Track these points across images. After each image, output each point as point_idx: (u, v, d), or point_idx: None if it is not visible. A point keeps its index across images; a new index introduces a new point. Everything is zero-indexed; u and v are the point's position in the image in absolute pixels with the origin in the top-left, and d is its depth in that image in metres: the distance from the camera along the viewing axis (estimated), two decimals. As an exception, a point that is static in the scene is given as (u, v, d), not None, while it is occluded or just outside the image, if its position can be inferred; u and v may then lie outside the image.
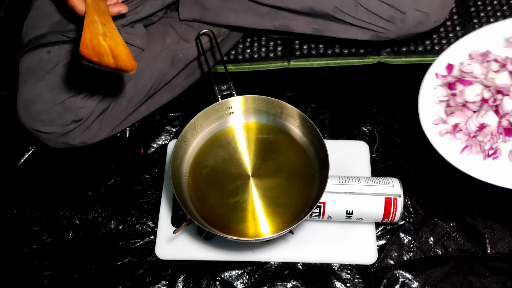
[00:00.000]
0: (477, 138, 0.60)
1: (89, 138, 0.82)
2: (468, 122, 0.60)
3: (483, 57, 0.66)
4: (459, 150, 0.60)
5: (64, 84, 0.76)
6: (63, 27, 0.77)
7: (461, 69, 0.64)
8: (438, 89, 0.63)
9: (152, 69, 0.83)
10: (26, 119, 0.77)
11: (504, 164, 0.59)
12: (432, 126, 0.61)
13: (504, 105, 0.60)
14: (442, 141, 0.60)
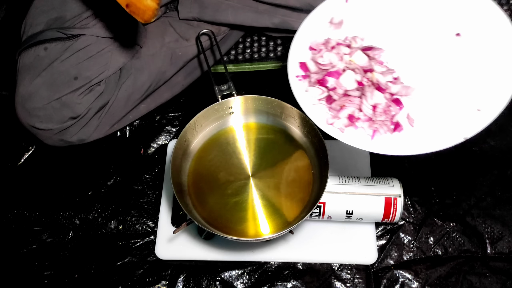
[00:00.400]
0: (377, 119, 0.59)
1: (87, 135, 0.82)
2: (363, 108, 0.59)
3: (326, 45, 0.65)
4: (368, 138, 0.59)
5: (61, 81, 0.76)
6: (60, 24, 0.77)
7: (318, 63, 0.63)
8: (310, 90, 0.62)
9: (151, 66, 0.83)
10: (23, 116, 0.77)
11: (409, 132, 0.59)
12: (329, 126, 0.59)
13: (379, 80, 0.60)
14: (348, 135, 0.59)
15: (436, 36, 0.63)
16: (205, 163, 0.74)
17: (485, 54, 0.60)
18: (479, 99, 0.58)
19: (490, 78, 0.59)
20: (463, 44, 0.62)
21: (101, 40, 0.78)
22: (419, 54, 0.64)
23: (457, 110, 0.59)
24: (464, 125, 0.57)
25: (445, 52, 0.62)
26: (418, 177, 0.83)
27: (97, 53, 0.78)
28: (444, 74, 0.62)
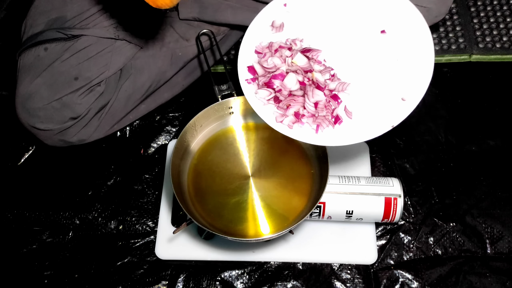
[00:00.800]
0: (319, 115, 0.65)
1: (87, 135, 0.82)
2: (306, 106, 0.65)
3: (270, 49, 0.70)
4: (313, 132, 0.65)
5: (61, 81, 0.76)
6: (60, 24, 0.77)
7: (264, 66, 0.69)
8: (260, 92, 0.67)
9: (151, 67, 0.83)
10: (23, 116, 0.77)
11: (348, 124, 0.65)
12: (279, 124, 0.66)
13: (318, 79, 0.66)
14: (296, 131, 0.65)
15: (365, 35, 0.70)
16: (205, 163, 0.74)
17: (406, 49, 0.67)
18: (403, 90, 0.65)
19: (411, 71, 0.65)
20: (387, 41, 0.69)
21: (102, 41, 0.78)
22: (351, 52, 0.70)
23: (385, 100, 0.65)
24: (392, 114, 0.63)
25: (373, 49, 0.69)
26: (418, 177, 0.83)
27: (97, 54, 0.78)
28: (373, 68, 0.68)
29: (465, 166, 0.83)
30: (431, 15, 0.80)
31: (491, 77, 0.93)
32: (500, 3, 1.01)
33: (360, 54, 0.69)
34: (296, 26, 0.72)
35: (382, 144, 0.87)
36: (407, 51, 0.66)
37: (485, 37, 0.97)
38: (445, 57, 0.96)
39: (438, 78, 0.94)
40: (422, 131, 0.88)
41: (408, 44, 0.67)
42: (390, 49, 0.68)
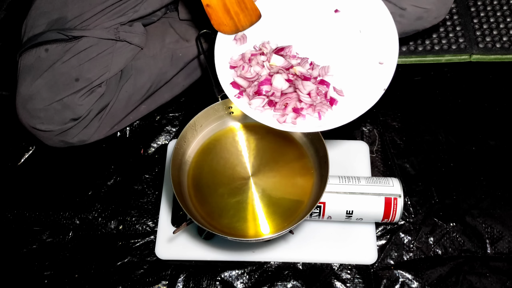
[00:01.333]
0: (316, 102, 0.68)
1: (88, 136, 0.82)
2: (302, 98, 0.67)
3: (243, 59, 0.71)
4: (316, 120, 0.68)
5: (62, 82, 0.76)
6: (61, 25, 0.77)
7: (246, 78, 0.70)
8: (253, 102, 0.68)
9: (151, 67, 0.83)
10: (24, 117, 0.77)
11: (344, 102, 0.68)
12: (283, 124, 0.67)
13: (301, 71, 0.69)
14: (301, 125, 0.67)
15: (322, 18, 0.72)
16: (205, 163, 0.74)
17: (363, 19, 0.71)
18: (377, 55, 0.69)
19: (376, 36, 0.70)
20: (344, 17, 0.72)
21: (102, 42, 0.78)
22: (317, 37, 0.72)
23: (366, 69, 0.68)
24: (379, 80, 0.67)
25: (334, 28, 0.72)
26: (418, 177, 0.83)
27: (98, 55, 0.78)
28: (342, 45, 0.71)
29: (465, 166, 0.83)
30: (431, 16, 0.80)
31: (491, 77, 0.93)
32: (500, 3, 1.01)
33: (325, 37, 0.72)
34: (257, 30, 0.73)
35: (382, 144, 0.87)
36: (365, 20, 0.70)
37: (485, 37, 0.97)
38: (445, 57, 0.96)
39: (438, 78, 0.94)
40: (422, 131, 0.88)
41: (363, 14, 0.71)
42: (350, 24, 0.71)
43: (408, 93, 0.92)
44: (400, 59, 0.97)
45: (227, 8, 0.66)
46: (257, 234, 0.67)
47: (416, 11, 0.79)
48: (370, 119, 0.89)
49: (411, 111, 0.90)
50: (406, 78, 0.94)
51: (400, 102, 0.91)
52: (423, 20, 0.81)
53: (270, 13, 0.73)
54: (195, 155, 0.75)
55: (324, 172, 0.67)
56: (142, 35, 0.82)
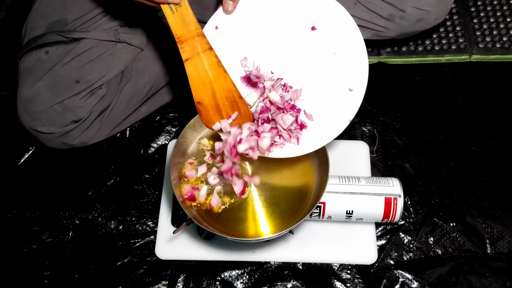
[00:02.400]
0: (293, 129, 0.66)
1: (89, 138, 0.82)
2: (283, 134, 0.66)
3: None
4: (294, 145, 0.66)
5: (63, 84, 0.76)
6: (61, 27, 0.77)
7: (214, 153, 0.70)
8: (232, 132, 0.66)
9: (152, 69, 0.83)
10: (25, 119, 0.77)
11: (312, 127, 0.66)
12: (272, 153, 0.66)
13: (275, 100, 0.66)
14: (286, 150, 0.67)
15: (298, 36, 0.68)
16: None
17: (338, 41, 0.67)
18: (348, 81, 0.65)
19: (349, 61, 0.66)
20: (320, 37, 0.68)
21: (103, 44, 0.78)
22: (292, 56, 0.68)
23: (336, 95, 0.66)
24: (346, 108, 0.64)
25: (310, 47, 0.68)
26: (418, 177, 0.83)
27: (98, 57, 0.78)
28: (316, 67, 0.67)
29: (465, 166, 0.83)
30: (431, 17, 0.80)
31: (491, 77, 0.93)
32: (500, 3, 1.01)
33: (300, 55, 0.68)
34: (233, 44, 0.70)
35: (382, 144, 0.87)
36: (339, 43, 0.67)
37: (485, 37, 0.97)
38: (445, 57, 0.96)
39: (438, 78, 0.94)
40: (422, 131, 0.88)
41: (339, 37, 0.67)
42: (325, 45, 0.67)
43: (408, 93, 0.92)
44: (400, 59, 0.97)
45: (219, 109, 0.63)
46: (257, 234, 0.67)
47: (416, 13, 0.79)
48: (370, 119, 0.89)
49: (411, 111, 0.90)
50: (406, 78, 0.94)
51: (400, 102, 0.91)
52: (423, 21, 0.81)
53: (247, 27, 0.69)
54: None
55: (324, 172, 0.67)
56: (142, 36, 0.82)
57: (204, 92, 0.62)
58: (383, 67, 0.96)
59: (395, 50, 0.97)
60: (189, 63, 0.60)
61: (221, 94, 0.62)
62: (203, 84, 0.61)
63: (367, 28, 0.84)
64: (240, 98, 0.63)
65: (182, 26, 0.57)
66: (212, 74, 0.61)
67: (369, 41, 0.87)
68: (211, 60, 0.60)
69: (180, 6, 0.56)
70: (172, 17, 0.57)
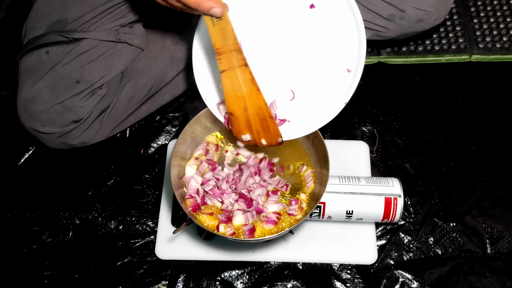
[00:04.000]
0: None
1: (89, 138, 0.82)
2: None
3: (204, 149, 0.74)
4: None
5: (63, 84, 0.76)
6: (61, 27, 0.77)
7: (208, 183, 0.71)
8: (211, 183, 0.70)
9: (152, 69, 0.83)
10: (25, 119, 0.77)
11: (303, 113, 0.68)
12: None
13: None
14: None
15: (297, 14, 0.67)
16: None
17: (338, 20, 0.65)
18: (346, 61, 0.64)
19: (347, 40, 0.64)
20: (319, 15, 0.66)
21: (103, 44, 0.78)
22: (290, 32, 0.67)
23: (333, 75, 0.65)
24: (343, 90, 0.64)
25: (309, 25, 0.66)
26: (418, 177, 0.83)
27: (99, 57, 0.78)
28: (313, 46, 0.66)
29: (465, 166, 0.83)
30: (431, 18, 0.80)
31: (491, 77, 0.93)
32: (500, 3, 1.01)
33: (297, 35, 0.67)
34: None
35: (382, 144, 0.87)
36: (338, 22, 0.65)
37: (485, 37, 0.97)
38: (445, 57, 0.96)
39: (438, 78, 0.94)
40: (422, 131, 0.88)
41: (338, 16, 0.65)
42: (323, 23, 0.66)
43: (408, 93, 0.92)
44: (400, 59, 0.97)
45: (249, 124, 0.65)
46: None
47: (416, 13, 0.79)
48: (370, 119, 0.89)
49: (411, 111, 0.90)
50: (406, 78, 0.94)
51: (400, 102, 0.91)
52: (423, 22, 0.81)
53: (242, 4, 0.67)
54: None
55: (324, 172, 0.67)
56: (143, 36, 0.82)
57: (237, 105, 0.64)
58: (383, 67, 0.96)
59: (395, 50, 0.97)
60: (225, 75, 0.61)
61: (252, 110, 0.64)
62: (237, 98, 0.63)
63: (367, 28, 0.84)
64: (270, 118, 0.65)
65: (221, 39, 0.58)
66: (245, 90, 0.62)
67: (369, 41, 0.87)
68: (246, 76, 0.61)
69: (221, 20, 0.56)
70: (213, 29, 0.57)
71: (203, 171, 0.72)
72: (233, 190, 0.70)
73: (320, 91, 0.66)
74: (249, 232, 0.66)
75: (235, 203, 0.69)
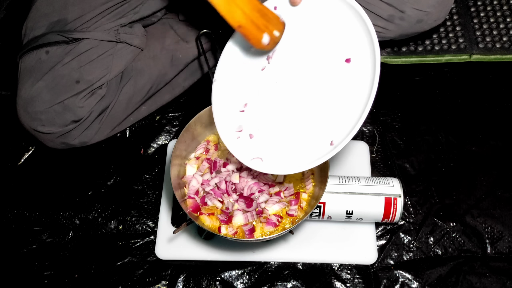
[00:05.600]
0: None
1: (89, 138, 0.82)
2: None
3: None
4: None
5: (63, 84, 0.76)
6: (61, 27, 0.77)
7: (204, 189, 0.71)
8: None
9: (152, 69, 0.83)
10: (25, 119, 0.77)
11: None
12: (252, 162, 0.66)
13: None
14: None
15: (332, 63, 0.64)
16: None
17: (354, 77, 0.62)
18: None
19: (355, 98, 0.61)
20: (351, 71, 0.64)
21: (103, 44, 0.78)
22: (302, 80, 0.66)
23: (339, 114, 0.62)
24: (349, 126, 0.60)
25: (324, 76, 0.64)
26: (418, 177, 0.83)
27: (98, 57, 0.78)
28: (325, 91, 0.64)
29: (465, 166, 0.83)
30: (431, 19, 0.80)
31: (491, 77, 0.93)
32: (500, 3, 1.01)
33: (315, 75, 0.65)
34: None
35: (382, 144, 0.87)
36: (357, 75, 0.62)
37: (485, 37, 0.97)
38: (445, 57, 0.96)
39: (438, 78, 0.94)
40: (422, 131, 0.88)
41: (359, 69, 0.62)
42: (345, 75, 0.63)
43: (408, 93, 0.92)
44: (400, 59, 0.97)
45: (256, 24, 0.62)
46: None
47: (416, 14, 0.79)
48: (370, 119, 0.89)
49: (411, 111, 0.90)
50: (406, 78, 0.94)
51: (400, 102, 0.91)
52: (423, 23, 0.81)
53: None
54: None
55: (324, 172, 0.67)
56: (143, 36, 0.82)
57: (237, 14, 0.60)
58: (383, 67, 0.96)
59: (395, 50, 0.97)
60: None
61: (248, 7, 0.61)
62: (229, 4, 0.60)
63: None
64: (262, 5, 0.62)
65: None
66: None
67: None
68: None
69: None
70: None
71: (204, 171, 0.72)
72: (233, 190, 0.70)
73: (327, 125, 0.63)
74: (249, 232, 0.66)
75: (235, 203, 0.68)
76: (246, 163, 0.65)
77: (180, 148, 0.71)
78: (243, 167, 0.72)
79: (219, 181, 0.70)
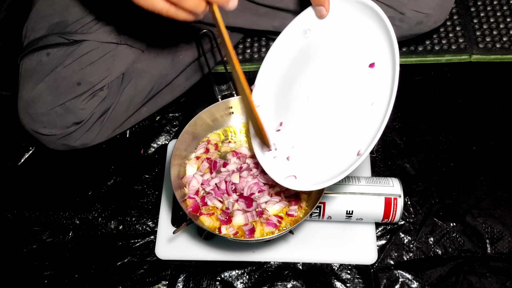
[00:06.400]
0: None
1: (90, 140, 0.82)
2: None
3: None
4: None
5: (64, 86, 0.76)
6: (62, 29, 0.77)
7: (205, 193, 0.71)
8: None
9: (152, 70, 0.83)
10: (26, 121, 0.77)
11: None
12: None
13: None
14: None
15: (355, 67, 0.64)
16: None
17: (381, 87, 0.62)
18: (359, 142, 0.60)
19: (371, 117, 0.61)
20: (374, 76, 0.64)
21: (104, 46, 0.78)
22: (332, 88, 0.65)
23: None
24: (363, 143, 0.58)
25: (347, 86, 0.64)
26: (418, 177, 0.83)
27: (99, 59, 0.78)
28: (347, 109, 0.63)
29: (465, 166, 0.83)
30: (431, 21, 0.80)
31: (491, 77, 0.93)
32: (500, 3, 1.01)
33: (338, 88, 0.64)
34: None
35: (382, 144, 0.87)
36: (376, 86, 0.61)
37: (485, 37, 0.97)
38: (445, 57, 0.96)
39: (438, 78, 0.94)
40: (423, 131, 0.88)
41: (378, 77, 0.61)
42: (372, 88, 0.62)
43: (408, 93, 0.92)
44: (400, 59, 0.96)
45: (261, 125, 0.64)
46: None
47: (416, 16, 0.79)
48: (370, 119, 0.89)
49: (411, 111, 0.90)
50: (406, 78, 0.94)
51: (400, 102, 0.91)
52: (423, 24, 0.81)
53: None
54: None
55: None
56: (143, 38, 0.82)
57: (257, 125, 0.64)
58: (383, 67, 0.96)
59: (395, 50, 0.97)
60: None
61: (251, 112, 0.64)
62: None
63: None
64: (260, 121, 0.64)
65: None
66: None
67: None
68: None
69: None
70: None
71: (204, 171, 0.72)
72: (233, 190, 0.70)
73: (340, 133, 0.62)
74: (249, 232, 0.66)
75: (235, 203, 0.69)
76: (281, 183, 0.64)
77: (180, 148, 0.71)
78: (243, 167, 0.72)
79: (219, 181, 0.70)
